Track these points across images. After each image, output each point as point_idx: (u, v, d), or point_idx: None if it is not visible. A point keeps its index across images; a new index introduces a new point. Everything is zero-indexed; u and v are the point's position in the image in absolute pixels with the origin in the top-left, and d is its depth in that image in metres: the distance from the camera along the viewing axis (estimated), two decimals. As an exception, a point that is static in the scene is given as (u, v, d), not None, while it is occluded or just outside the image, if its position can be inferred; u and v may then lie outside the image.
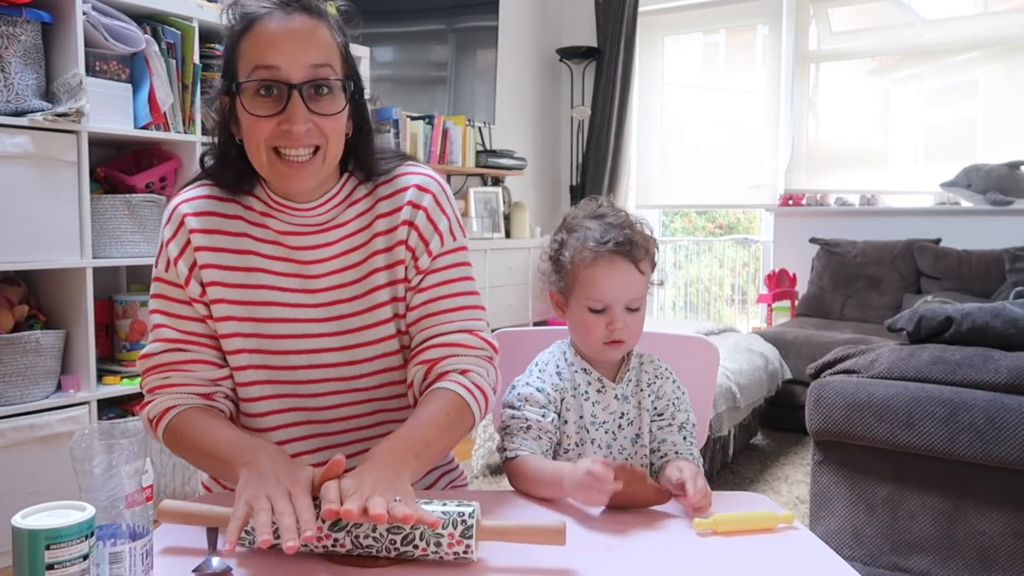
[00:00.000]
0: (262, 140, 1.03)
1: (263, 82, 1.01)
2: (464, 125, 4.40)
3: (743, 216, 6.21)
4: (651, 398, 1.22)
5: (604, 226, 1.18)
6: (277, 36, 1.01)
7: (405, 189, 1.14)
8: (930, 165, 4.53)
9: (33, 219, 2.26)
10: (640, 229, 1.20)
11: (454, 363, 1.11)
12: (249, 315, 1.10)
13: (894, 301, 4.16)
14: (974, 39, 4.43)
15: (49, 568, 0.68)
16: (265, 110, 1.01)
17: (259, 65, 1.00)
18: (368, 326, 1.13)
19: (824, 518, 2.14)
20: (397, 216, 1.13)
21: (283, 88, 1.00)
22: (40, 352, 2.29)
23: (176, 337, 1.10)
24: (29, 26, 2.25)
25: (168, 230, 1.12)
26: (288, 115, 1.01)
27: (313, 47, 1.02)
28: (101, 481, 0.76)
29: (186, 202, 1.12)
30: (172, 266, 1.10)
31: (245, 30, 1.03)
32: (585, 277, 1.16)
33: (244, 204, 1.13)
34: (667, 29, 5.30)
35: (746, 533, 0.98)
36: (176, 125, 2.63)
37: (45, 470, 2.26)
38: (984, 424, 1.86)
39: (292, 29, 1.01)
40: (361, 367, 1.14)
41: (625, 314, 1.16)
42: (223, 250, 1.10)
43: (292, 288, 1.11)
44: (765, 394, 3.45)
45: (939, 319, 2.11)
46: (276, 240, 1.12)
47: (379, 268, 1.13)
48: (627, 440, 1.21)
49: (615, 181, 5.14)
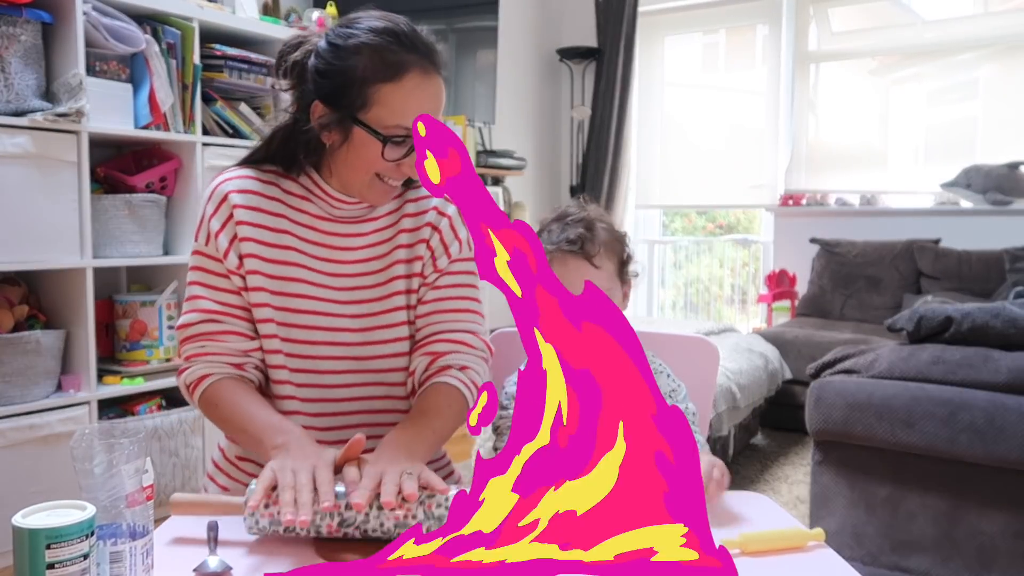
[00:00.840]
0: (374, 169, 1.13)
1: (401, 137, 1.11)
2: (464, 125, 4.41)
3: (743, 216, 6.21)
4: None
5: (562, 226, 1.22)
6: (424, 101, 1.11)
7: (431, 198, 1.26)
8: (930, 165, 4.53)
9: (33, 219, 2.26)
10: (601, 223, 1.23)
11: (456, 359, 1.19)
12: (280, 289, 1.17)
13: (894, 301, 4.17)
14: (974, 39, 4.43)
15: (50, 567, 0.68)
16: (395, 156, 1.12)
17: (402, 125, 1.10)
18: (384, 311, 1.21)
19: (824, 518, 2.14)
20: (422, 218, 1.23)
21: (409, 141, 1.11)
22: (40, 352, 2.29)
23: (212, 308, 1.16)
24: (29, 26, 2.26)
25: (211, 206, 1.18)
26: (411, 163, 1.13)
27: (440, 111, 1.14)
28: (101, 480, 0.76)
29: (229, 180, 1.19)
30: (212, 239, 1.16)
31: (391, 78, 1.09)
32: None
33: (283, 188, 1.20)
34: (667, 29, 5.30)
35: (775, 552, 0.93)
36: (176, 125, 2.63)
37: (45, 470, 2.26)
38: (984, 424, 1.86)
39: (433, 96, 1.12)
40: (374, 348, 1.20)
41: None
42: (262, 227, 1.17)
43: (320, 270, 1.19)
44: (765, 394, 3.45)
45: (939, 319, 2.12)
46: (312, 225, 1.20)
47: (400, 261, 1.22)
48: None
49: (615, 181, 5.15)
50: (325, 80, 1.11)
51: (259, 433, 1.06)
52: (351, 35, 1.11)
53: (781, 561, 0.91)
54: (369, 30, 1.11)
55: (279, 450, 1.00)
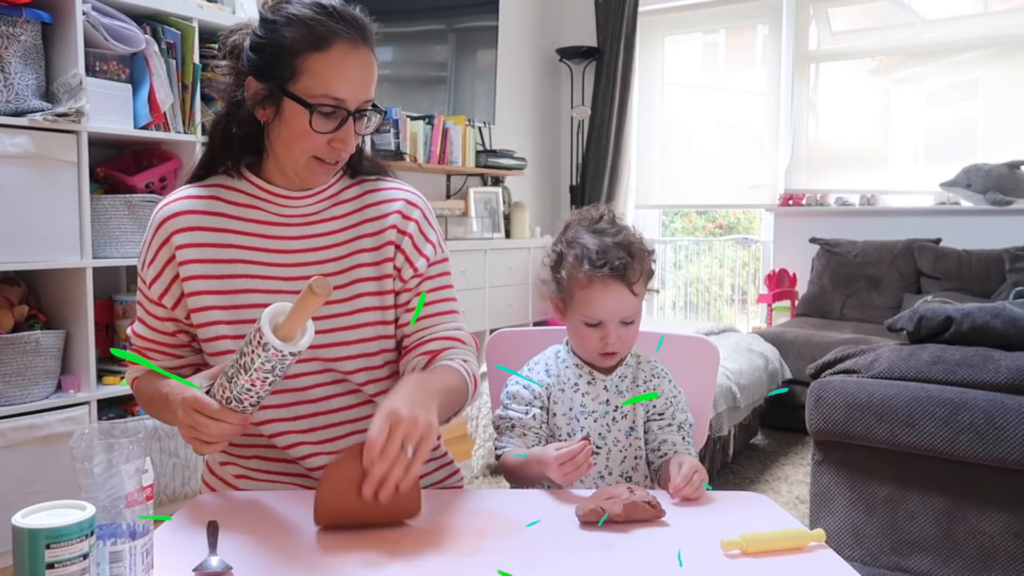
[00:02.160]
0: (307, 147, 1.14)
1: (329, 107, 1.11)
2: (464, 125, 4.40)
3: (743, 216, 6.21)
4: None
5: (601, 245, 1.20)
6: (350, 73, 1.12)
7: (394, 200, 1.25)
8: (930, 165, 4.52)
9: (33, 219, 2.26)
10: (639, 245, 1.23)
11: (454, 354, 1.22)
12: (231, 303, 1.18)
13: (894, 301, 4.16)
14: (974, 39, 4.43)
15: (49, 567, 0.68)
16: (325, 127, 1.13)
17: (329, 94, 1.11)
18: (350, 312, 1.20)
19: (824, 518, 2.14)
20: (385, 221, 1.23)
21: (341, 112, 1.12)
22: (40, 352, 2.29)
23: (142, 332, 1.25)
24: (29, 26, 2.25)
25: (149, 233, 1.22)
26: (342, 137, 1.14)
27: (369, 82, 1.15)
28: (101, 480, 0.76)
29: (167, 205, 1.21)
30: (145, 268, 1.21)
31: (318, 47, 1.10)
32: (580, 296, 1.21)
33: (225, 199, 1.21)
34: (667, 29, 5.30)
35: (776, 553, 0.93)
36: (176, 125, 2.63)
37: (45, 470, 2.26)
38: (984, 424, 1.86)
39: (360, 63, 1.13)
40: (341, 349, 1.20)
41: (619, 327, 1.21)
42: (204, 245, 1.18)
43: (275, 276, 1.19)
44: (765, 394, 3.45)
45: (939, 319, 2.11)
46: (260, 232, 1.20)
47: (364, 264, 1.21)
48: (621, 432, 1.25)
49: (615, 181, 5.14)
50: (256, 54, 1.13)
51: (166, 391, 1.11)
52: (282, 9, 1.13)
53: (781, 562, 0.91)
54: (299, 3, 1.13)
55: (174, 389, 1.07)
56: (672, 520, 1.03)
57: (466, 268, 4.15)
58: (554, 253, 1.27)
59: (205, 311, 1.17)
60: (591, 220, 1.26)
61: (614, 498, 1.01)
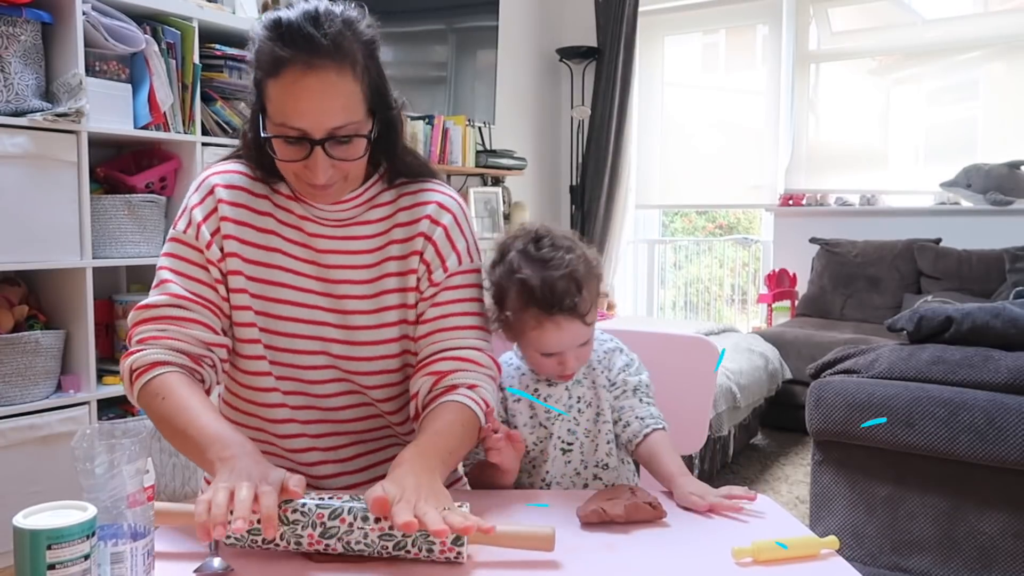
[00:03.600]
0: (287, 170, 1.08)
1: (288, 137, 1.03)
2: (464, 125, 4.40)
3: (743, 216, 6.21)
4: (604, 373, 1.23)
5: (547, 280, 1.10)
6: (302, 100, 1.00)
7: (426, 204, 1.17)
8: (930, 165, 4.53)
9: (33, 219, 2.26)
10: (586, 270, 1.13)
11: (464, 377, 1.10)
12: (262, 293, 1.13)
13: (894, 301, 4.16)
14: (974, 39, 4.43)
15: (50, 568, 0.68)
16: (291, 155, 1.05)
17: (286, 123, 1.02)
18: (374, 326, 1.15)
19: (824, 518, 2.14)
20: (415, 227, 1.15)
21: (307, 141, 1.03)
22: (40, 352, 2.29)
23: (182, 294, 1.09)
24: (29, 26, 2.25)
25: (196, 196, 1.14)
26: (311, 165, 1.04)
27: (335, 108, 1.01)
28: (103, 481, 0.76)
29: (217, 174, 1.15)
30: (194, 228, 1.12)
31: (272, 74, 1.01)
32: (532, 336, 1.14)
33: (273, 186, 1.15)
34: (667, 29, 5.30)
35: (789, 561, 0.90)
36: (176, 125, 2.62)
37: (45, 470, 2.26)
38: (984, 424, 1.86)
39: (315, 89, 1.00)
40: (361, 364, 1.15)
41: (576, 349, 1.16)
42: (247, 225, 1.13)
43: (306, 274, 1.14)
44: (765, 394, 3.45)
45: (939, 319, 2.12)
46: (298, 225, 1.14)
47: (391, 274, 1.15)
48: (589, 421, 1.22)
49: (615, 181, 5.14)
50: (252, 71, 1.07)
51: (205, 441, 0.96)
52: (257, 25, 1.04)
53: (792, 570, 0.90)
54: (262, 22, 1.03)
55: (226, 463, 0.91)
56: (673, 521, 1.03)
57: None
58: (493, 284, 1.16)
59: (238, 294, 1.12)
60: (531, 242, 1.14)
61: (615, 499, 1.01)
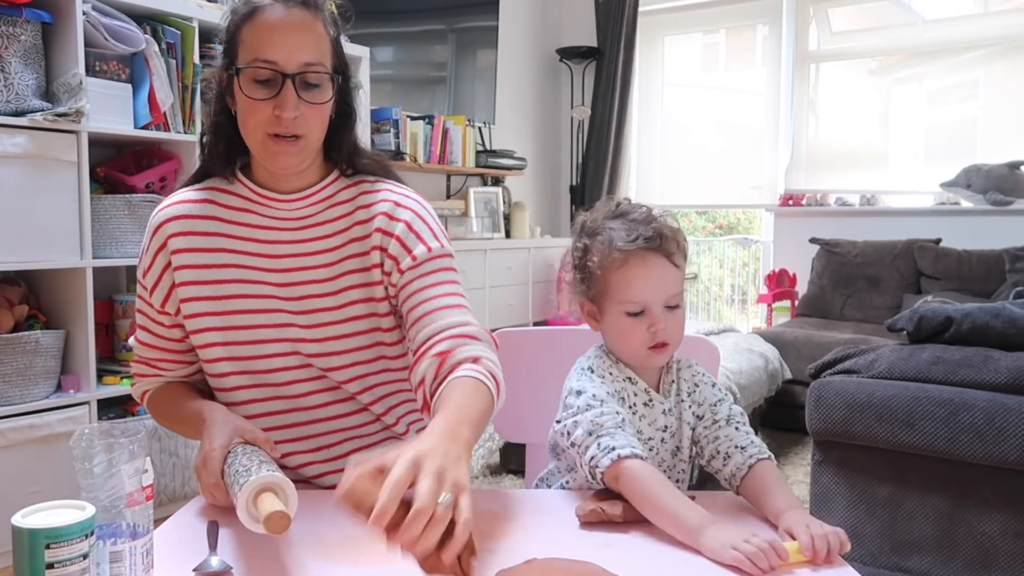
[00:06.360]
0: (258, 124, 1.11)
1: (261, 72, 1.09)
2: (464, 125, 4.40)
3: (743, 216, 6.21)
4: (691, 408, 1.15)
5: (628, 224, 1.10)
6: (277, 32, 1.09)
7: (384, 201, 1.19)
8: (930, 165, 4.52)
9: (33, 219, 2.26)
10: (666, 221, 1.12)
11: (466, 351, 1.07)
12: (222, 309, 1.16)
13: (894, 301, 4.16)
14: (974, 39, 4.42)
15: (49, 567, 0.68)
16: (261, 95, 1.10)
17: (258, 58, 1.09)
18: (340, 321, 1.17)
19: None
20: (371, 224, 1.18)
21: (278, 77, 1.09)
22: (40, 352, 2.29)
23: (149, 342, 1.23)
24: (29, 26, 2.25)
25: (146, 237, 1.21)
26: (280, 101, 1.09)
27: (307, 44, 1.10)
28: (101, 480, 0.76)
29: (163, 209, 1.20)
30: (144, 274, 1.20)
31: (248, 17, 1.11)
32: (617, 280, 1.09)
33: (219, 203, 1.18)
34: (667, 29, 5.30)
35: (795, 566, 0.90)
36: (176, 125, 2.63)
37: (45, 470, 2.26)
38: (984, 424, 1.86)
39: (290, 25, 1.10)
40: (333, 359, 1.18)
41: (665, 313, 1.09)
42: (198, 250, 1.17)
43: (266, 281, 1.16)
44: (765, 394, 3.45)
45: (939, 319, 2.11)
46: (253, 236, 1.17)
47: (352, 271, 1.17)
48: (668, 453, 1.15)
49: (615, 181, 5.14)
50: (221, 46, 1.15)
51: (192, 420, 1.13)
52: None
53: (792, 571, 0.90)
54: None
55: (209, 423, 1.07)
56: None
57: (466, 268, 4.15)
58: (577, 249, 1.14)
59: (197, 317, 1.16)
60: (609, 208, 1.15)
61: (614, 499, 1.01)
